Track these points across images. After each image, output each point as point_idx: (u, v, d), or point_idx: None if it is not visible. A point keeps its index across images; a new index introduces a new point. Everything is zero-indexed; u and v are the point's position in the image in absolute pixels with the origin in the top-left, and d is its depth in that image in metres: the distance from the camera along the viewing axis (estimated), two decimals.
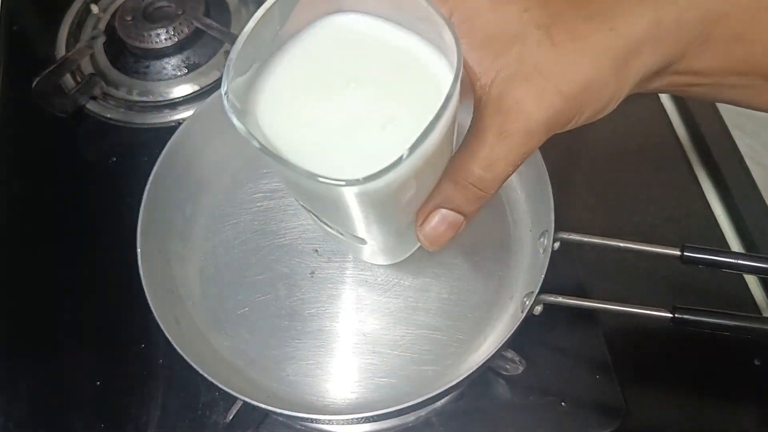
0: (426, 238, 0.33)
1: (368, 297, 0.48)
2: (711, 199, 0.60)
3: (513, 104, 0.28)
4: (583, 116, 0.30)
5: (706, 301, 0.55)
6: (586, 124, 0.31)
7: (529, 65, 0.28)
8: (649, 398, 0.51)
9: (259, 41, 0.30)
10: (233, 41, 0.28)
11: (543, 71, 0.28)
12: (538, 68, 0.28)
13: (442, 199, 0.32)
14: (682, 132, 0.65)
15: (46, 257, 0.58)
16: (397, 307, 0.48)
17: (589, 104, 0.29)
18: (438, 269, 0.49)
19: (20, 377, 0.52)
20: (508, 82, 0.29)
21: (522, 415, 0.49)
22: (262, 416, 0.49)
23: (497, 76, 0.29)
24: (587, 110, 0.30)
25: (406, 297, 0.48)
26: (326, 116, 0.30)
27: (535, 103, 0.28)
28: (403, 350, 0.47)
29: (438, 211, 0.32)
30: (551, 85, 0.28)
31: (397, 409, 0.40)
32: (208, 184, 0.54)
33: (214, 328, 0.48)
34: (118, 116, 0.65)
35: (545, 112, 0.28)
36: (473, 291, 0.48)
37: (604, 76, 0.29)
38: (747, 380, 0.52)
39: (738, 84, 0.32)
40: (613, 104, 0.31)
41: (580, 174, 0.61)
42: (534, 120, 0.28)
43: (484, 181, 0.30)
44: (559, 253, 0.44)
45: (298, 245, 0.51)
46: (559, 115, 0.29)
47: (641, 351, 0.53)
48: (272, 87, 0.31)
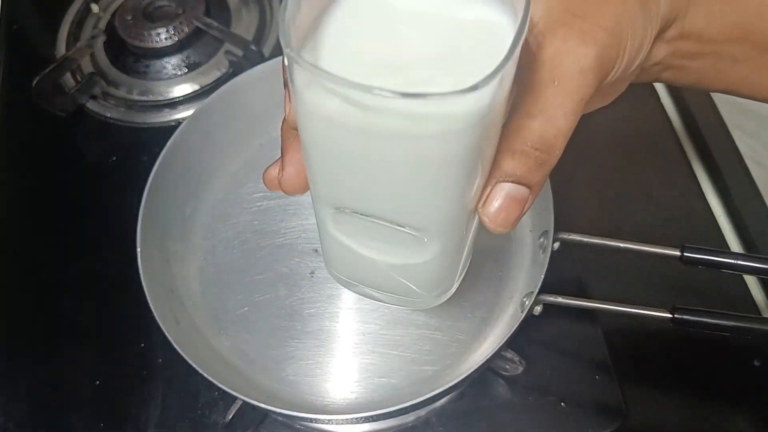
0: (490, 220, 0.29)
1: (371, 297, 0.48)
2: (711, 200, 0.60)
3: (558, 49, 0.27)
4: (625, 56, 0.29)
5: (706, 301, 0.55)
6: (626, 72, 0.30)
7: (562, 13, 0.28)
8: (649, 399, 0.51)
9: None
10: (233, 41, 0.27)
11: (578, 14, 0.28)
12: (573, 12, 0.28)
13: (502, 173, 0.28)
14: (682, 132, 0.65)
15: (46, 257, 0.58)
16: (396, 307, 0.48)
17: (627, 39, 0.29)
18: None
19: (20, 377, 0.52)
20: (547, 32, 0.28)
21: (522, 416, 0.49)
22: (261, 416, 0.49)
23: (533, 31, 0.28)
24: (628, 47, 0.29)
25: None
26: (388, 61, 0.26)
27: (580, 42, 0.27)
28: (403, 350, 0.47)
29: (499, 185, 0.28)
30: (590, 23, 0.27)
31: (396, 409, 0.40)
32: (207, 184, 0.54)
33: (214, 328, 0.48)
34: (118, 115, 0.65)
35: (593, 47, 0.27)
36: (473, 291, 0.48)
37: (633, 8, 0.29)
38: (747, 381, 0.52)
39: (737, 57, 0.32)
40: (646, 45, 0.30)
41: (580, 174, 0.61)
42: (584, 57, 0.27)
43: (546, 140, 0.27)
44: (559, 254, 0.44)
45: (298, 245, 0.51)
46: (605, 51, 0.28)
47: (641, 351, 0.53)
48: (328, 29, 0.27)
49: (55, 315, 0.55)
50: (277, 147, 0.34)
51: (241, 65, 0.64)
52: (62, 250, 0.58)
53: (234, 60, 0.65)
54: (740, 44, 0.32)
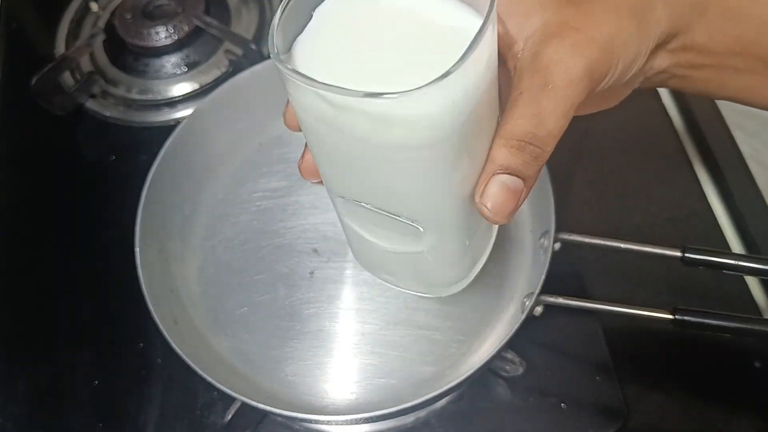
0: (488, 209, 0.31)
1: (368, 297, 0.48)
2: (712, 200, 0.60)
3: (551, 59, 0.29)
4: (618, 69, 0.31)
5: (707, 302, 0.54)
6: (620, 82, 0.32)
7: (557, 25, 0.30)
8: (650, 400, 0.51)
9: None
10: (233, 40, 0.28)
11: (573, 25, 0.30)
12: (568, 23, 0.30)
13: (497, 165, 0.30)
14: (684, 132, 0.64)
15: (45, 256, 0.58)
16: (396, 307, 0.48)
17: (620, 54, 0.30)
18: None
19: (19, 377, 0.52)
20: (541, 43, 0.30)
21: (522, 417, 0.49)
22: (260, 416, 0.49)
23: (528, 41, 0.30)
24: (620, 61, 0.31)
25: (405, 297, 0.48)
26: (365, 68, 0.29)
27: (572, 54, 0.29)
28: (403, 351, 0.46)
29: (495, 177, 0.30)
30: (583, 36, 0.29)
31: (396, 410, 0.40)
32: (207, 183, 0.54)
33: (213, 328, 0.48)
34: (118, 114, 0.65)
35: (584, 59, 0.29)
36: (473, 292, 0.48)
37: (628, 26, 0.30)
38: (747, 382, 0.52)
39: (740, 68, 0.33)
40: (641, 59, 0.32)
41: (581, 174, 0.61)
42: (574, 67, 0.29)
43: (538, 138, 0.29)
44: (560, 254, 0.44)
45: (298, 245, 0.51)
46: (596, 64, 0.30)
47: (642, 352, 0.53)
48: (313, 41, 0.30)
49: (53, 315, 0.55)
50: (276, 146, 0.34)
51: (241, 64, 0.64)
52: (61, 249, 0.58)
53: (233, 59, 0.65)
54: (743, 57, 0.33)
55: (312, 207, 0.53)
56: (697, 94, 0.36)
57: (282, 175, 0.55)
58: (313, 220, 0.52)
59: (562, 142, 0.31)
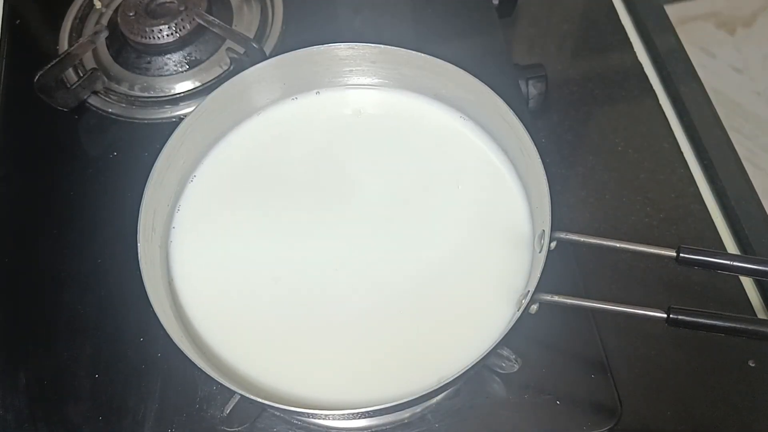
0: None
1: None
2: (708, 201, 0.61)
3: None
4: None
5: (702, 302, 0.55)
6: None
7: None
8: (644, 398, 0.51)
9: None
10: (235, 38, 0.28)
11: None
12: None
13: None
14: (680, 133, 0.65)
15: (47, 251, 0.58)
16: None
17: None
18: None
19: (19, 370, 0.53)
20: None
21: (517, 413, 0.50)
22: (259, 410, 0.49)
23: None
24: None
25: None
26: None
27: None
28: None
29: None
30: None
31: (392, 405, 0.40)
32: None
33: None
34: (120, 111, 0.65)
35: None
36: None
37: None
38: (742, 381, 0.52)
39: None
40: None
41: (577, 174, 0.61)
42: None
43: None
44: (556, 253, 0.45)
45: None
46: None
47: (636, 351, 0.53)
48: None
49: (55, 308, 0.55)
50: None
51: (242, 63, 0.64)
52: (62, 244, 0.59)
53: (235, 57, 0.65)
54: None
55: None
56: None
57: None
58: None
59: (561, 143, 0.31)
